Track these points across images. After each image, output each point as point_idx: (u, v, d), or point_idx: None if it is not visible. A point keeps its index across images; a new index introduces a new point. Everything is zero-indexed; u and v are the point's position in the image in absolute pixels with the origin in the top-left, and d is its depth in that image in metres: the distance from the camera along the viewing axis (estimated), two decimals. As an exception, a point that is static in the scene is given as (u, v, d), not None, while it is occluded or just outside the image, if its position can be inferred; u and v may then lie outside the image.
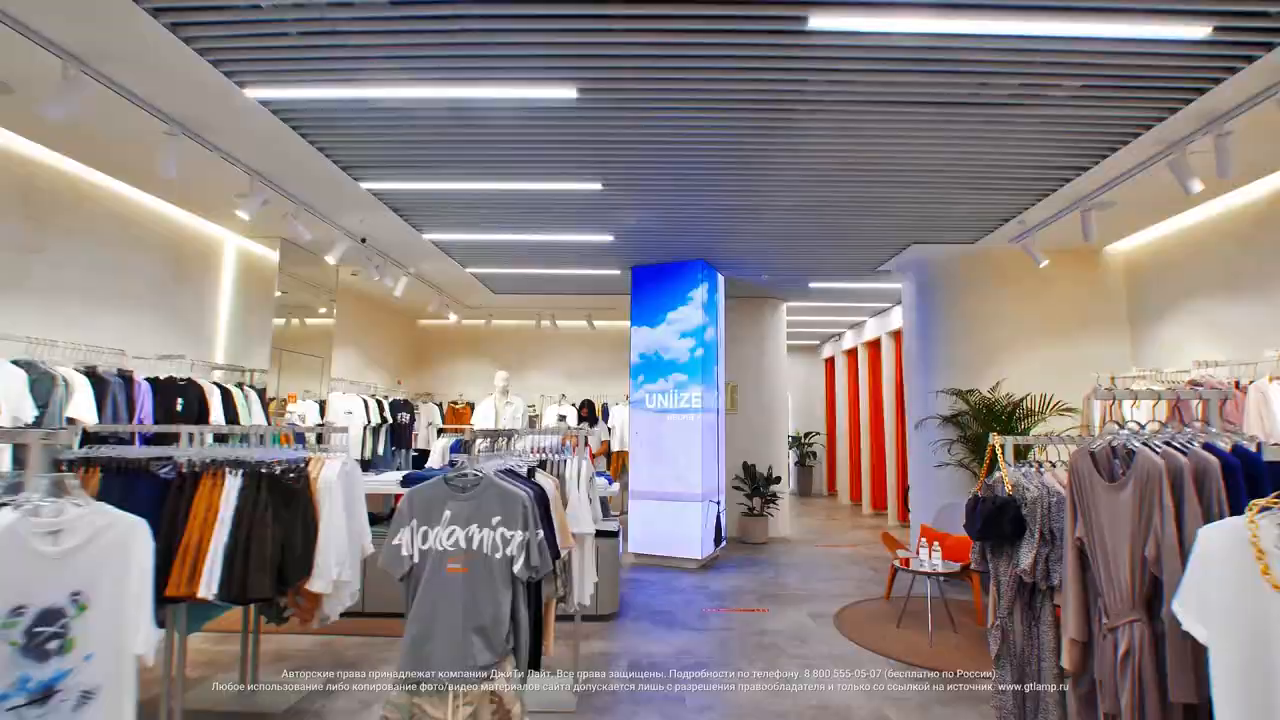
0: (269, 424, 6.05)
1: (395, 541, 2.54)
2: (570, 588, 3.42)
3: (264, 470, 3.00)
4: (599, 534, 5.16)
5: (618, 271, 7.40)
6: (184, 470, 3.05)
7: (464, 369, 11.15)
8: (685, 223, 5.80)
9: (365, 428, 8.04)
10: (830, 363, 13.18)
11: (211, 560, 2.84)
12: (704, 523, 6.60)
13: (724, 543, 7.21)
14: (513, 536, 2.50)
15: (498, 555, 2.49)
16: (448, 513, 2.54)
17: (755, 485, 8.01)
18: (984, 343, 6.31)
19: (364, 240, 6.32)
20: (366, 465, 7.86)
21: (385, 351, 9.98)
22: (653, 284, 7.05)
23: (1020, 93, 3.63)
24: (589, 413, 8.25)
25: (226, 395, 5.70)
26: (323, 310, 7.66)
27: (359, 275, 7.71)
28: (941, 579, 4.69)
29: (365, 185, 4.99)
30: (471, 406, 10.47)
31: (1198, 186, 4.09)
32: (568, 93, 3.60)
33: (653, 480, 6.75)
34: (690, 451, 6.66)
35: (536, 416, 10.04)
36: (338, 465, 3.24)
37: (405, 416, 9.04)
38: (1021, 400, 5.68)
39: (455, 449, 7.49)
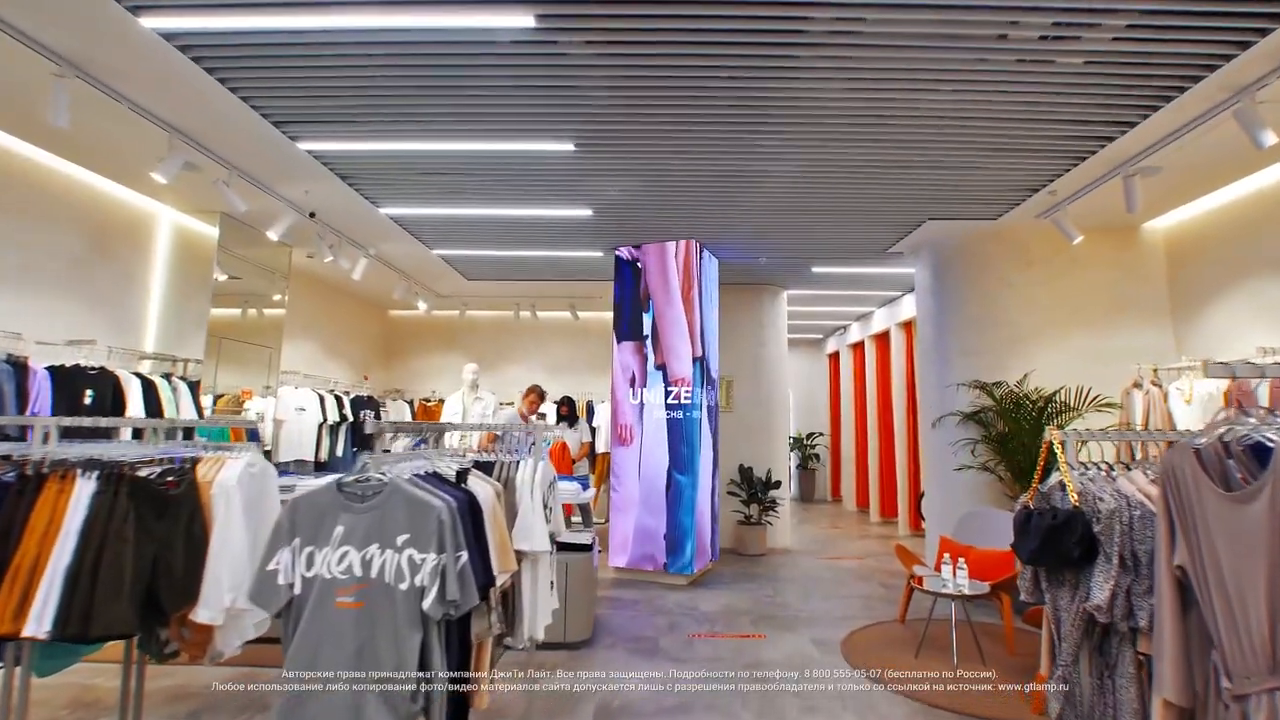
0: (200, 419, 5.37)
1: (271, 566, 1.88)
2: (516, 621, 2.73)
3: (126, 472, 2.34)
4: (570, 548, 4.48)
5: (600, 253, 6.71)
6: (28, 472, 2.41)
7: (437, 363, 10.45)
8: (672, 195, 5.11)
9: (321, 425, 7.35)
10: (834, 358, 12.49)
11: (47, 587, 2.19)
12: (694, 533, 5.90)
13: (716, 555, 6.51)
14: (424, 560, 1.83)
15: (403, 585, 1.82)
16: (340, 528, 1.87)
17: (752, 491, 7.31)
18: (1008, 331, 5.63)
19: (313, 215, 5.63)
20: (321, 467, 7.16)
21: (349, 343, 9.29)
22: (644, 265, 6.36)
23: (1057, 31, 2.99)
24: (569, 410, 7.55)
25: (149, 387, 5.02)
26: (277, 297, 6.97)
27: (315, 258, 7.02)
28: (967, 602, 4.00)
29: (303, 145, 4.31)
30: (445, 404, 9.78)
31: (1270, 139, 3.46)
32: (524, 20, 2.95)
33: (636, 485, 6.05)
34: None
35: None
36: (239, 466, 2.56)
37: (369, 414, 8.35)
38: (1054, 394, 4.99)
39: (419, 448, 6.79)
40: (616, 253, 6.31)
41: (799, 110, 3.76)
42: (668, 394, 5.98)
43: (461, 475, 2.28)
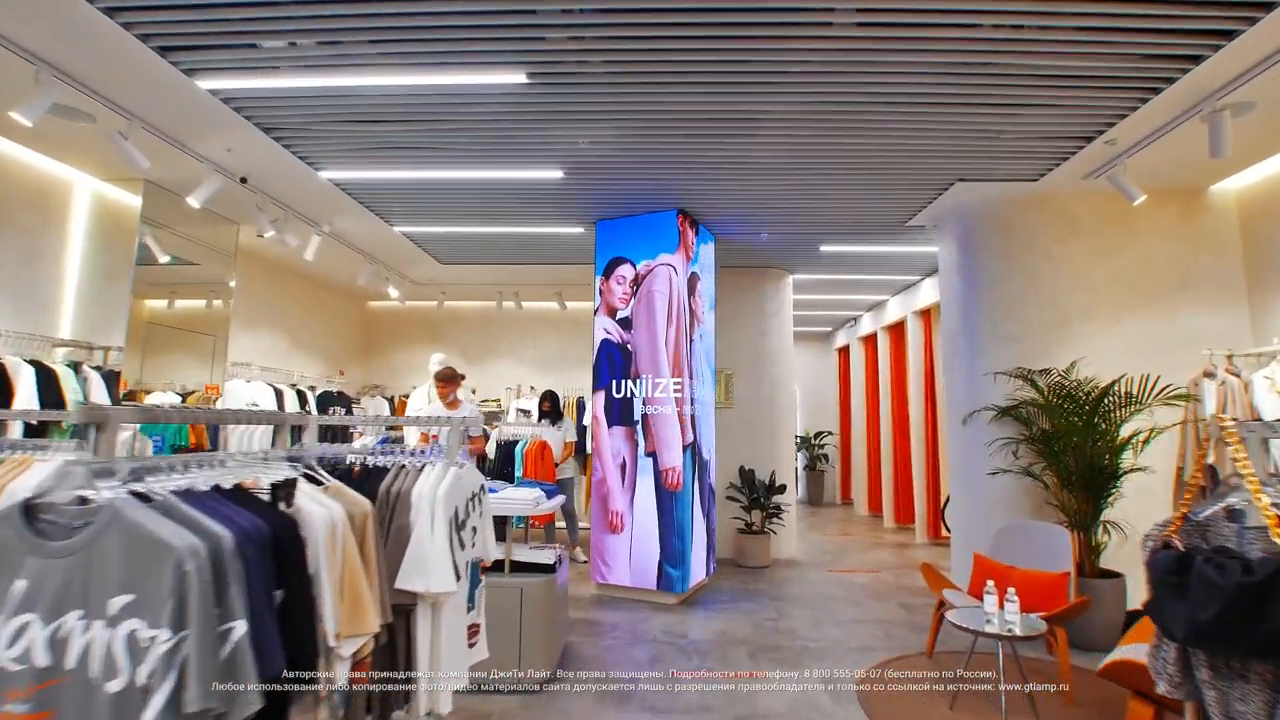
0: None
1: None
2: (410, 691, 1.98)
3: None
4: (528, 569, 3.73)
5: (580, 229, 5.95)
6: None
7: (419, 358, 9.71)
8: (653, 151, 4.34)
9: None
10: (844, 353, 11.67)
11: None
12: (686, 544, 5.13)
13: (712, 569, 5.74)
14: (152, 640, 1.07)
15: (114, 684, 1.06)
16: (20, 584, 1.11)
17: (754, 495, 6.54)
18: (1050, 314, 4.82)
19: (244, 181, 4.90)
20: None
21: (322, 336, 8.58)
22: (622, 242, 5.60)
23: None
24: (552, 406, 6.78)
25: (47, 376, 4.31)
26: (228, 282, 6.26)
27: (266, 237, 6.31)
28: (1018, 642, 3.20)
29: (203, 84, 3.57)
30: (409, 398, 9.06)
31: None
32: None
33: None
34: (667, 430, 5.19)
35: (499, 412, 8.61)
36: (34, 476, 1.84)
37: (340, 412, 7.63)
38: (1112, 385, 4.18)
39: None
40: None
41: (803, 49, 2.99)
42: (656, 386, 5.21)
43: (288, 488, 1.52)
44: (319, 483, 1.77)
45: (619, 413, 5.32)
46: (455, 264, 7.42)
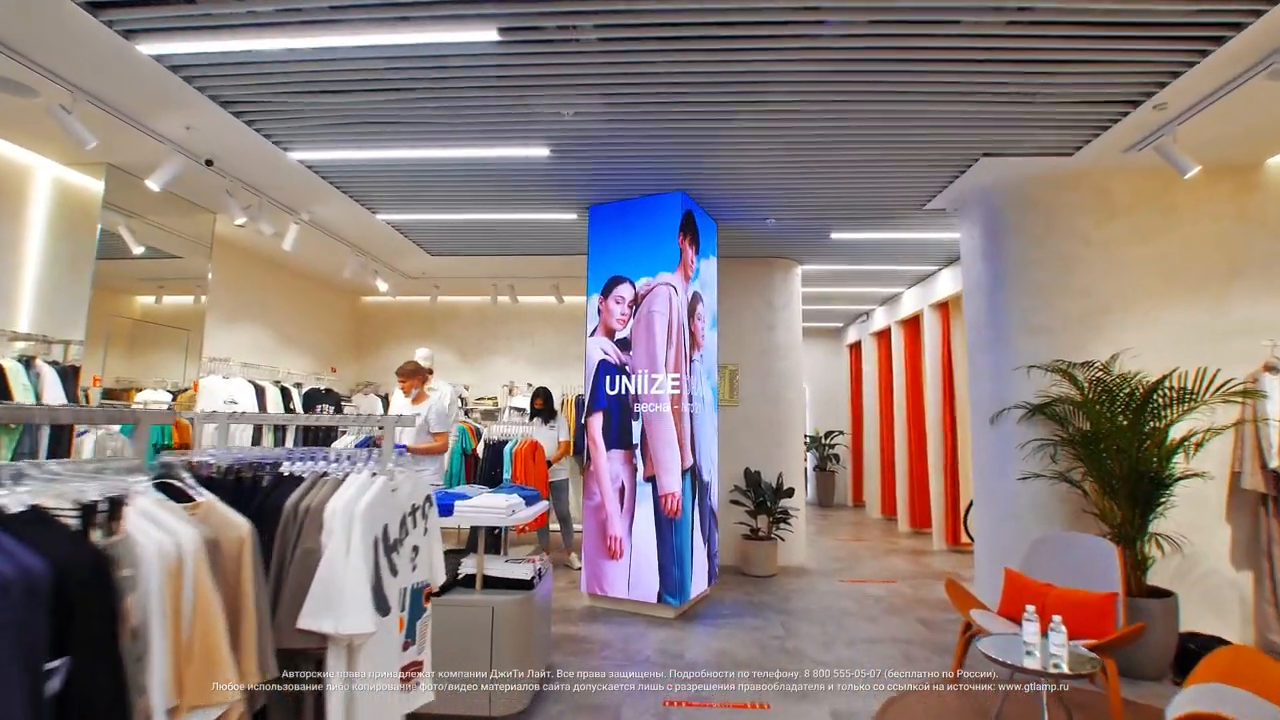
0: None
1: None
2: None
3: None
4: (507, 584, 3.36)
5: (573, 216, 5.57)
6: None
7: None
8: (651, 121, 3.94)
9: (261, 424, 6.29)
10: (856, 349, 11.22)
11: None
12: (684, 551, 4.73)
13: (714, 578, 5.34)
14: None
15: None
16: None
17: (760, 499, 6.13)
18: (1086, 303, 4.38)
19: (210, 163, 4.56)
20: None
21: (313, 332, 8.25)
22: (617, 229, 5.21)
23: None
24: (545, 403, 6.40)
25: (-8, 373, 4.00)
26: (209, 273, 5.94)
27: (247, 227, 5.99)
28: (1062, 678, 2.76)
29: (146, 49, 3.22)
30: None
31: None
32: None
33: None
34: (666, 454, 4.79)
35: (496, 411, 8.26)
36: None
37: (329, 410, 7.31)
38: (1163, 380, 3.74)
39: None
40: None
41: (813, 4, 2.59)
42: (652, 382, 4.81)
43: (97, 511, 1.13)
44: (188, 499, 1.40)
45: (618, 433, 4.92)
46: (446, 256, 7.06)
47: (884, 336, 9.74)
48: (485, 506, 3.11)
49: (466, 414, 8.13)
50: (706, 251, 5.41)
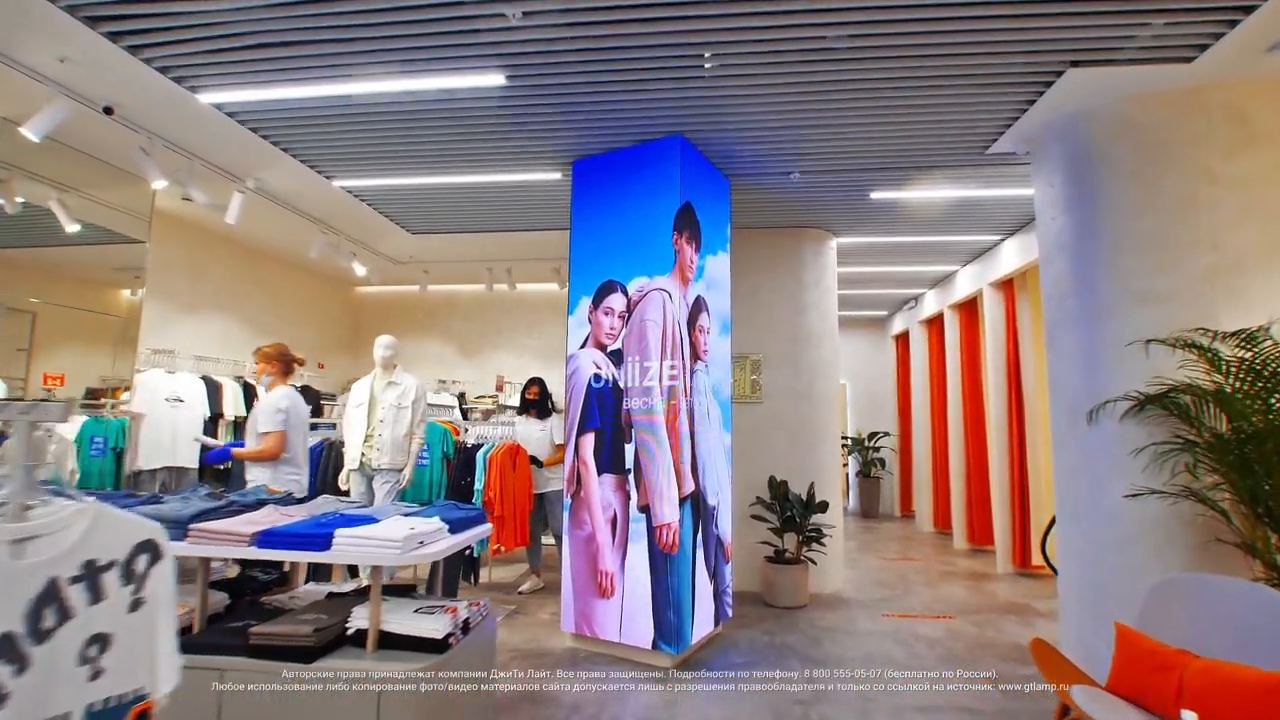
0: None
1: None
2: None
3: None
4: (408, 644, 2.43)
5: (556, 175, 4.68)
6: None
7: (412, 350, 8.65)
8: (628, 38, 3.02)
9: (216, 421, 5.64)
10: (903, 340, 10.05)
11: None
12: (683, 585, 3.78)
13: (726, 613, 4.36)
14: None
15: None
16: None
17: (787, 514, 5.12)
18: (1213, 258, 3.27)
19: (109, 110, 3.83)
20: (221, 477, 5.39)
21: (294, 324, 7.57)
22: (605, 187, 4.29)
23: None
24: (540, 395, 5.50)
25: None
26: (148, 254, 5.28)
27: (179, 195, 5.31)
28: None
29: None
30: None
31: None
32: None
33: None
34: (661, 481, 3.83)
35: (491, 410, 7.43)
36: None
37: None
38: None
39: (313, 455, 4.94)
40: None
41: None
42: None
43: None
44: None
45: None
46: (427, 234, 6.27)
47: (935, 324, 8.58)
48: (371, 538, 2.23)
49: (465, 415, 7.34)
50: (713, 243, 4.41)
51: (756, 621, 4.58)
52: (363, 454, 4.58)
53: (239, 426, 5.89)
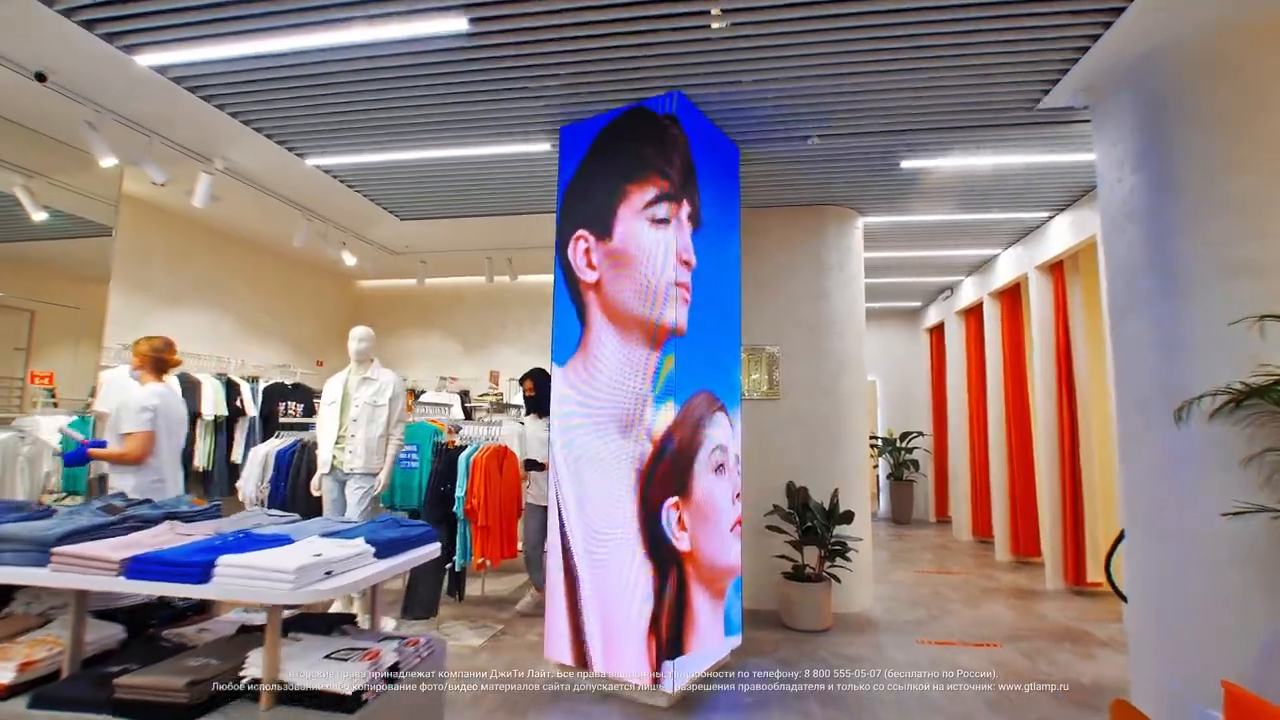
0: None
1: None
2: None
3: None
4: (322, 702, 1.91)
5: (546, 146, 4.20)
6: None
7: (416, 346, 8.31)
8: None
9: (195, 420, 5.31)
10: (937, 333, 9.38)
11: None
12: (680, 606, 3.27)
13: (736, 635, 3.84)
14: None
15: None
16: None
17: (808, 524, 4.58)
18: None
19: (41, 77, 3.47)
20: (205, 478, 5.04)
21: (288, 319, 7.24)
22: (595, 156, 3.79)
23: None
24: (538, 390, 5.00)
25: None
26: (115, 242, 4.96)
27: (171, 187, 4.97)
28: None
29: None
30: (417, 395, 7.61)
31: None
32: None
33: (585, 520, 3.46)
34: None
35: (495, 408, 7.00)
36: None
37: (295, 409, 6.27)
38: None
39: (284, 458, 4.55)
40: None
41: None
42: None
43: None
44: None
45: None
46: (418, 219, 5.85)
47: (973, 314, 7.91)
48: (257, 568, 1.77)
49: (468, 415, 6.92)
50: (718, 219, 3.90)
51: (772, 648, 4.05)
52: (334, 457, 4.17)
53: (218, 427, 5.56)
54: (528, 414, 5.07)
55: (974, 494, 7.72)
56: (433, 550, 2.43)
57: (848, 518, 4.54)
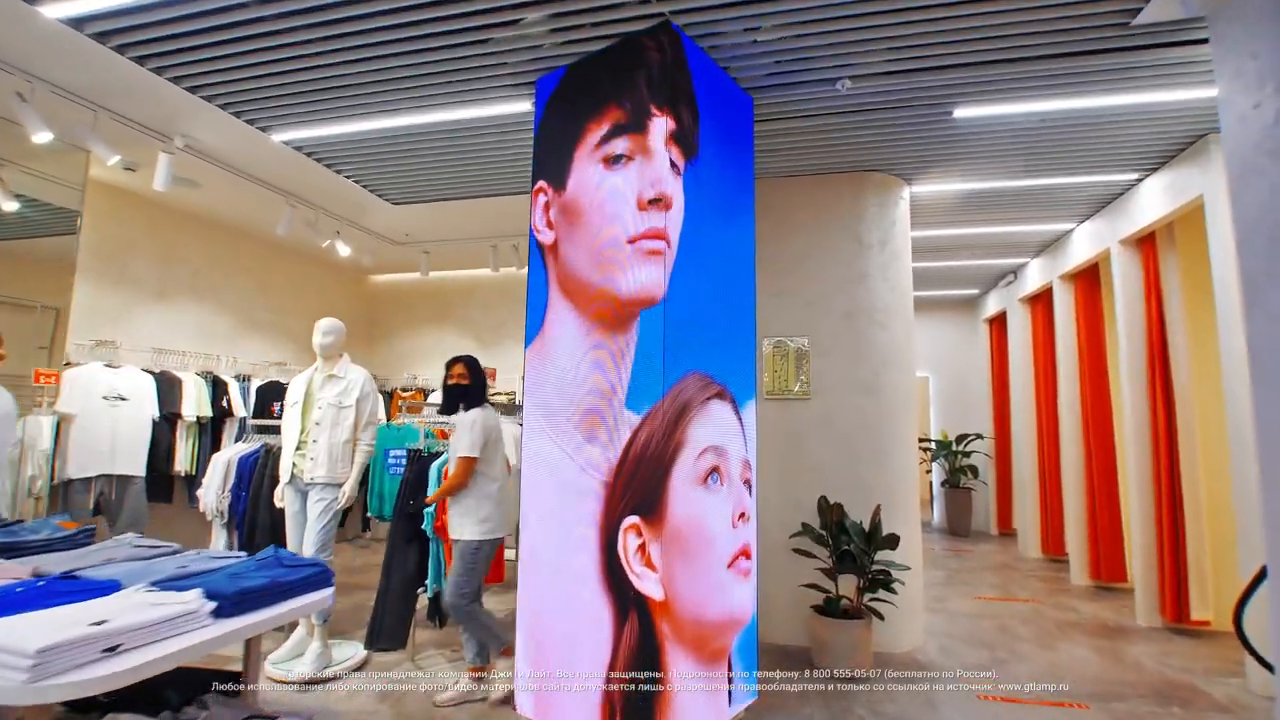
0: None
1: None
2: None
3: None
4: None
5: (525, 105, 3.61)
6: None
7: (428, 343, 7.88)
8: None
9: (174, 421, 4.96)
10: (998, 323, 8.43)
11: None
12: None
13: (751, 680, 3.15)
14: None
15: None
16: None
17: (843, 549, 3.85)
18: None
19: (-50, 37, 3.08)
20: (189, 481, 4.62)
21: (293, 315, 6.88)
22: (560, 96, 3.16)
23: None
24: (473, 378, 4.29)
25: None
26: (80, 232, 4.64)
27: (137, 171, 4.64)
28: None
29: None
30: (425, 394, 7.17)
31: None
32: None
33: (545, 550, 2.84)
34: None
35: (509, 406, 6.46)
36: None
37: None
38: None
39: (246, 465, 4.10)
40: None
41: None
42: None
43: None
44: None
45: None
46: (410, 204, 5.36)
47: (1041, 301, 6.98)
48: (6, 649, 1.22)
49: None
50: (728, 194, 3.21)
51: (798, 701, 3.34)
52: (295, 464, 3.68)
53: (202, 428, 5.19)
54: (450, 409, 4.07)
55: (1043, 505, 6.79)
56: (320, 599, 1.86)
57: (892, 541, 3.79)
